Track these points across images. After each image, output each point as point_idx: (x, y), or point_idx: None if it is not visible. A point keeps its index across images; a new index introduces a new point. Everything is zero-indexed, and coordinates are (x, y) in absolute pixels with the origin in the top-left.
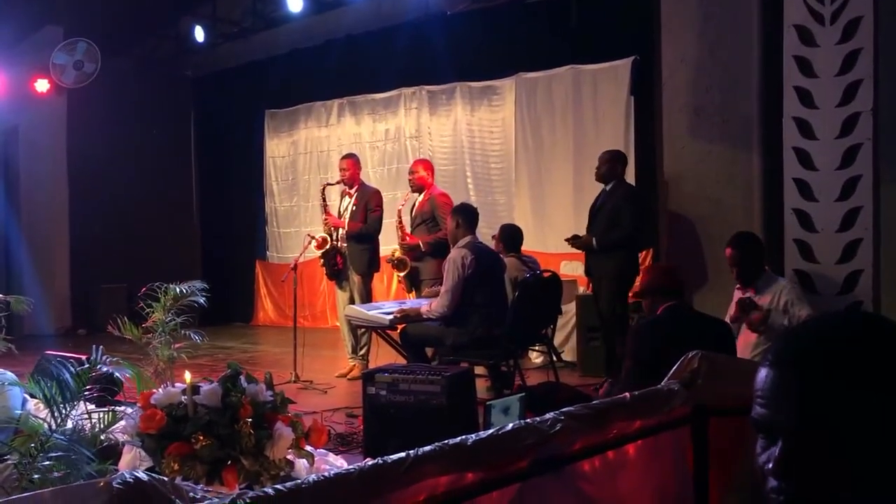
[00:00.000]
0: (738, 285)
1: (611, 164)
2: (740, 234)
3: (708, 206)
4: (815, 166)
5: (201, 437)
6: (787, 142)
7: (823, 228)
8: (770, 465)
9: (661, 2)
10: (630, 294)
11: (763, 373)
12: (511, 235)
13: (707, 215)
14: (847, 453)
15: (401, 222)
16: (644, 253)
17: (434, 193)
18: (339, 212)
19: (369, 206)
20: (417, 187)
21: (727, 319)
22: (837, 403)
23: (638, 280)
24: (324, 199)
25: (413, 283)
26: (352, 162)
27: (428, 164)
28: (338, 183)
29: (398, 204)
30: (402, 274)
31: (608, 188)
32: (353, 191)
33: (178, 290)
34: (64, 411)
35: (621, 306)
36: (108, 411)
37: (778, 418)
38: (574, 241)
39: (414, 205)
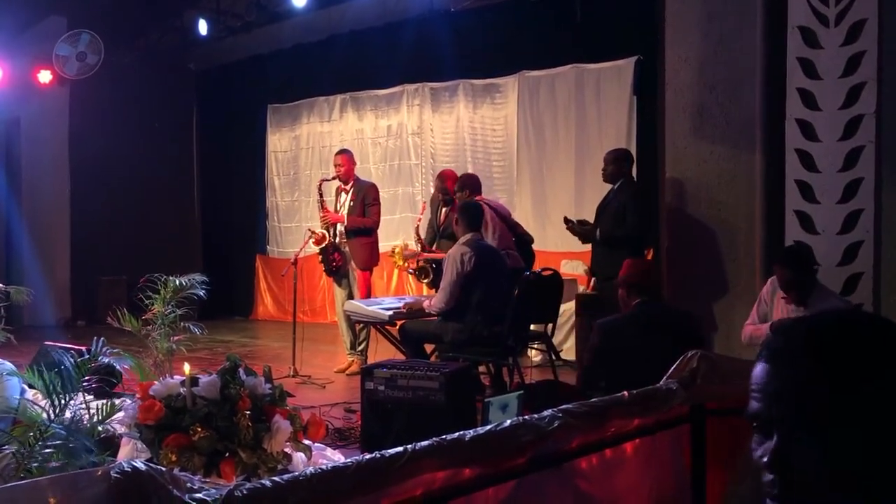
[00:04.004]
0: (782, 295)
1: (616, 164)
2: (792, 252)
3: (709, 207)
4: (817, 168)
5: (199, 429)
6: (789, 143)
7: (824, 230)
8: (765, 459)
9: (666, 1)
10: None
11: (758, 367)
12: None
13: (708, 216)
14: (834, 449)
15: (419, 238)
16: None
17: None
18: (336, 208)
19: (367, 199)
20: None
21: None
22: (825, 400)
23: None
24: (320, 196)
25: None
26: (346, 157)
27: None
28: (333, 178)
29: (415, 221)
30: (426, 281)
31: (616, 187)
32: (348, 186)
33: (178, 282)
34: (62, 401)
35: None
36: (107, 402)
37: (770, 413)
38: (578, 225)
39: (441, 216)
